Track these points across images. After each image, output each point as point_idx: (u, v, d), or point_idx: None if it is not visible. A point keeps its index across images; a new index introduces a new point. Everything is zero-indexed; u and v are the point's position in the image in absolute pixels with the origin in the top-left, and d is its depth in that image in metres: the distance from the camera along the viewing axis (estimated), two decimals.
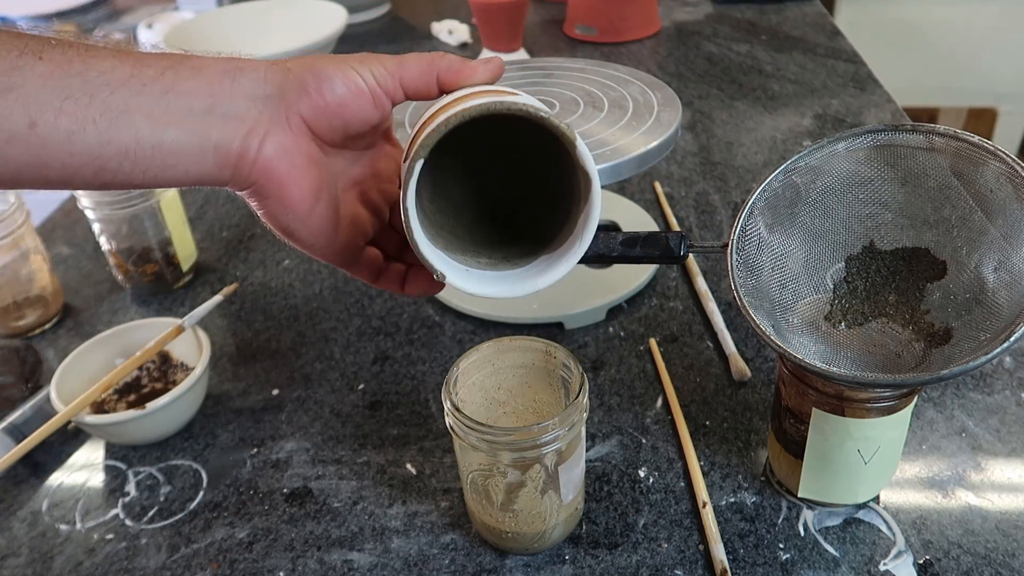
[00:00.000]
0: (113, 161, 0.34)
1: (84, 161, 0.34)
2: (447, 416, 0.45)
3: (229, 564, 0.51)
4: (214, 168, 0.36)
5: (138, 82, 0.34)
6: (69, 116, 0.32)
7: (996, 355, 0.38)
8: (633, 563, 0.49)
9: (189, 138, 0.35)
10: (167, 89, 0.34)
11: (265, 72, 0.37)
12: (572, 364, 0.47)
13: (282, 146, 0.37)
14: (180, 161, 0.36)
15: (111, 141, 0.33)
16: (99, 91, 0.33)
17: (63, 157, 0.33)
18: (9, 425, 0.59)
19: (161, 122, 0.34)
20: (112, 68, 0.33)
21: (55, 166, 0.33)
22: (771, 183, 0.47)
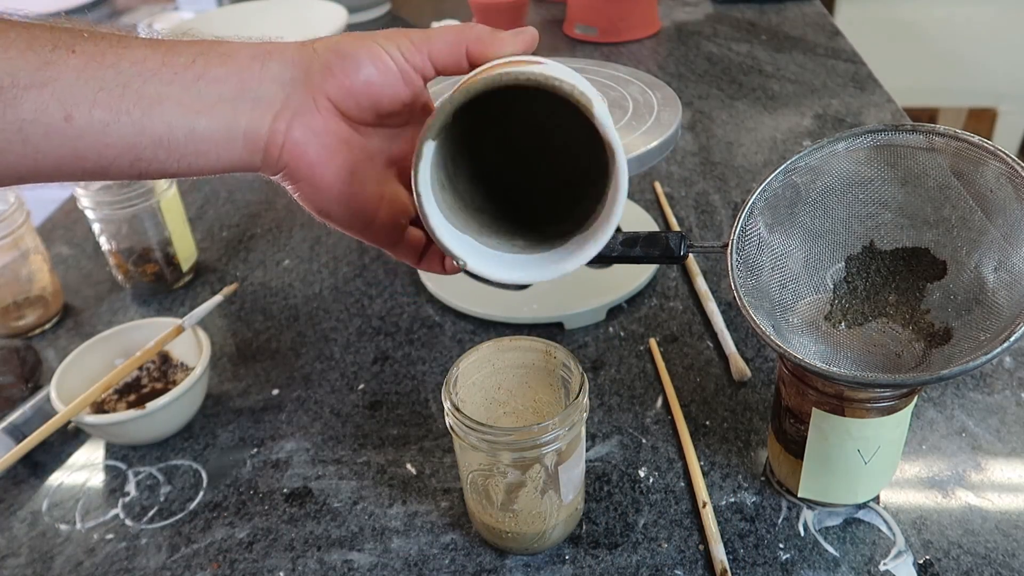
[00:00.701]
0: (148, 150, 0.35)
1: (120, 151, 0.34)
2: (447, 416, 0.45)
3: (229, 564, 0.51)
4: (244, 153, 0.37)
5: (170, 71, 0.34)
6: (104, 107, 0.33)
7: (996, 355, 0.38)
8: (633, 563, 0.49)
9: (219, 124, 0.35)
10: (198, 76, 0.35)
11: (293, 54, 0.37)
12: (572, 364, 0.47)
13: (311, 128, 0.37)
14: (212, 148, 0.36)
15: (145, 130, 0.34)
16: (132, 81, 0.33)
17: (99, 148, 0.34)
18: (9, 425, 0.59)
19: (193, 109, 0.35)
20: (144, 58, 0.34)
21: (92, 157, 0.34)
22: (771, 183, 0.47)
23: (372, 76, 0.37)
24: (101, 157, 0.34)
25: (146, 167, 0.35)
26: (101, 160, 0.34)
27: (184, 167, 0.36)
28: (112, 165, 0.34)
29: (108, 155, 0.34)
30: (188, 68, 0.35)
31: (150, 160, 0.35)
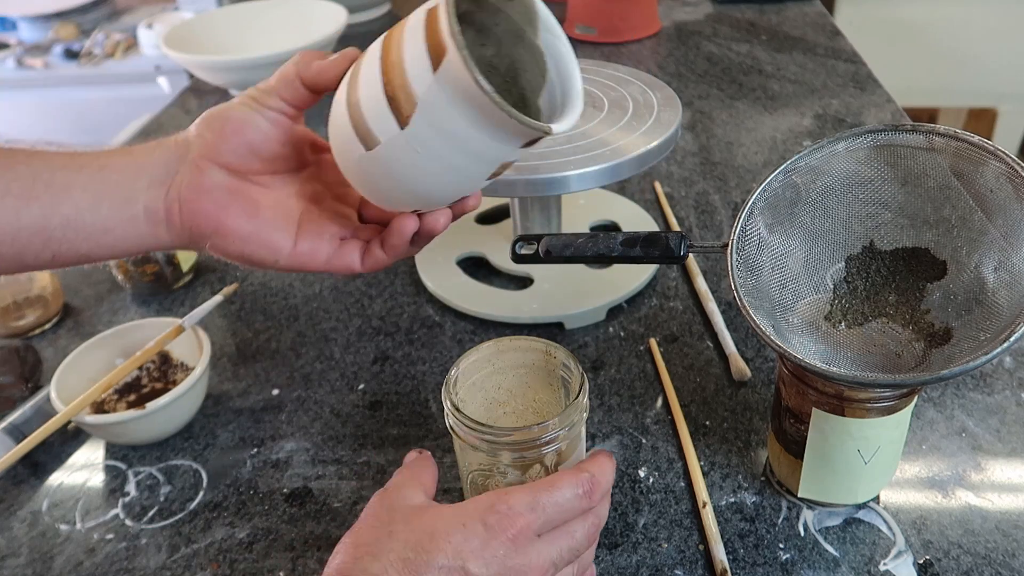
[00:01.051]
0: (58, 231, 0.39)
1: (32, 233, 0.39)
2: (447, 416, 0.45)
3: (229, 564, 0.51)
4: (148, 227, 0.42)
5: (77, 163, 0.40)
6: (16, 195, 0.38)
7: (996, 355, 0.38)
8: (633, 563, 0.49)
9: (121, 204, 0.41)
10: (102, 167, 0.40)
11: (175, 139, 0.42)
12: (572, 364, 0.47)
13: (201, 188, 0.41)
14: (117, 225, 0.41)
15: (55, 213, 0.39)
16: (42, 173, 0.39)
17: (13, 232, 0.38)
18: (9, 425, 0.59)
19: (97, 195, 0.40)
20: (53, 157, 0.39)
21: (6, 240, 0.39)
22: (771, 183, 0.47)
23: (239, 127, 0.41)
24: (15, 241, 0.39)
25: (58, 247, 0.40)
26: (16, 244, 0.39)
27: (95, 247, 0.41)
28: (26, 248, 0.39)
29: (22, 238, 0.39)
30: (94, 160, 0.40)
31: (60, 240, 0.39)
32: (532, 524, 0.38)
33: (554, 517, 0.39)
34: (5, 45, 1.83)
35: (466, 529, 0.37)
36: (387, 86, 0.36)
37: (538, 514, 0.38)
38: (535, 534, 0.38)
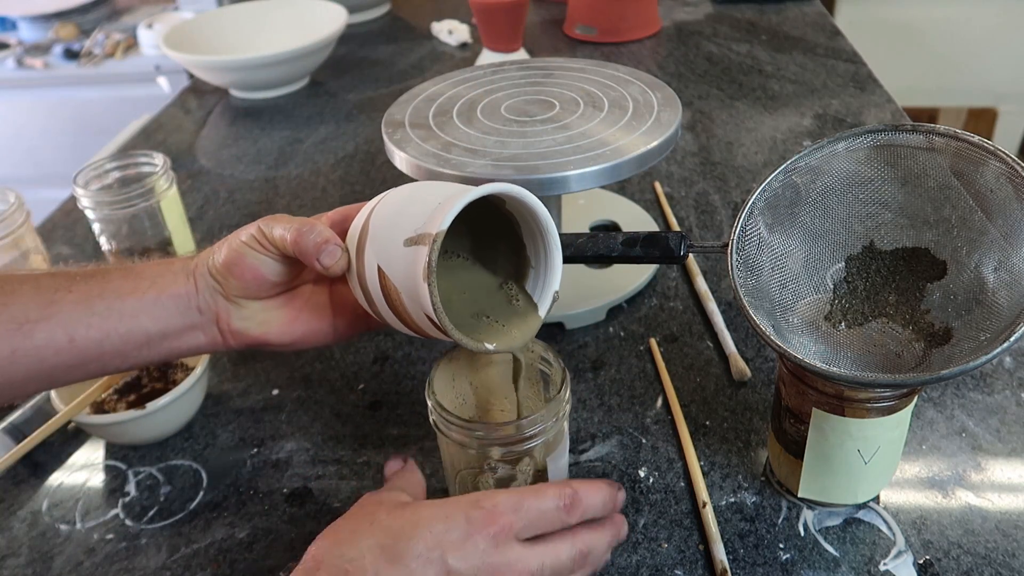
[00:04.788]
0: (134, 351, 0.46)
1: (113, 357, 0.45)
2: (432, 415, 0.45)
3: (229, 564, 0.51)
4: (210, 347, 0.48)
5: (140, 292, 0.46)
6: (96, 329, 0.44)
7: (996, 355, 0.38)
8: (633, 563, 0.49)
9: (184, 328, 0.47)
10: (159, 295, 0.46)
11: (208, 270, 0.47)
12: (551, 356, 0.47)
13: (242, 318, 0.48)
14: (184, 343, 0.47)
15: (130, 340, 0.45)
16: (113, 306, 0.45)
17: (96, 357, 0.45)
18: (9, 425, 0.59)
19: (161, 320, 0.46)
20: (120, 286, 0.45)
21: (92, 365, 0.45)
22: (771, 183, 0.47)
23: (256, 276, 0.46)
24: (101, 362, 0.45)
25: (134, 363, 0.47)
26: (102, 364, 0.45)
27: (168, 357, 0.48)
28: (110, 365, 0.46)
29: (106, 359, 0.45)
30: (151, 288, 0.46)
31: (139, 357, 0.46)
32: (514, 525, 0.39)
33: (536, 522, 0.40)
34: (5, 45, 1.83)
35: (448, 521, 0.38)
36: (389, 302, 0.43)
37: (520, 516, 0.39)
38: (516, 536, 0.39)
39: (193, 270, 0.47)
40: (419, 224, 0.40)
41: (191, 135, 1.11)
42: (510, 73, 0.74)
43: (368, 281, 0.44)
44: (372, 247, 0.43)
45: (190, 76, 1.39)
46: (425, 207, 0.41)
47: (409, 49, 1.32)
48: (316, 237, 0.45)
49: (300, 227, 0.45)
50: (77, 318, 0.44)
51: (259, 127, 1.11)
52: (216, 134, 1.10)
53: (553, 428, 0.44)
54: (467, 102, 0.68)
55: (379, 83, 1.21)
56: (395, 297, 0.42)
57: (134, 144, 1.10)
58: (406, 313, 0.42)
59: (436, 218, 0.39)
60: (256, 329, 0.48)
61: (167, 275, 0.47)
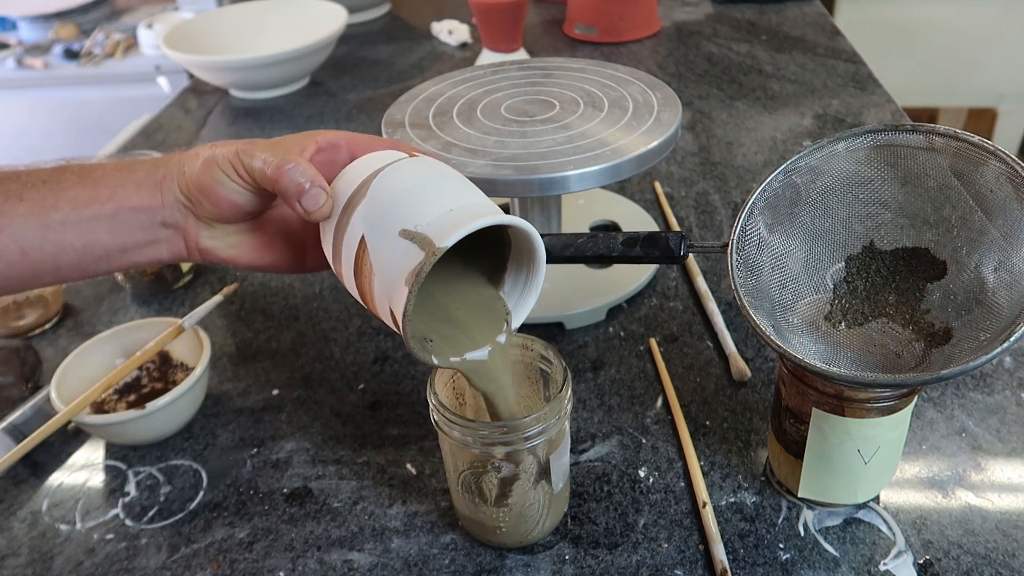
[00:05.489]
0: (92, 265, 0.44)
1: (69, 270, 0.44)
2: (433, 414, 0.45)
3: (229, 564, 0.51)
4: (175, 260, 0.47)
5: (97, 204, 0.43)
6: (52, 243, 0.42)
7: (996, 355, 0.38)
8: (633, 563, 0.49)
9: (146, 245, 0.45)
10: (119, 207, 0.43)
11: (179, 183, 0.45)
12: (551, 355, 0.47)
13: (212, 238, 0.46)
14: (145, 259, 0.46)
15: (87, 254, 0.43)
16: (69, 219, 0.42)
17: (52, 271, 0.43)
18: (9, 425, 0.59)
19: (121, 235, 0.44)
20: (76, 196, 0.43)
21: (48, 277, 0.44)
22: (771, 183, 0.47)
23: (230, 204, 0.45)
24: (57, 275, 0.44)
25: (94, 273, 0.45)
26: (58, 277, 0.44)
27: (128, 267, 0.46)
28: (67, 278, 0.44)
29: (60, 273, 0.44)
30: (110, 200, 0.43)
31: (96, 271, 0.45)
32: None
33: None
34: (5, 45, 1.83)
35: None
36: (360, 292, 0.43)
37: None
38: None
39: (160, 182, 0.44)
40: (423, 222, 0.38)
41: (191, 135, 1.11)
42: (510, 73, 0.74)
43: (344, 242, 0.42)
44: (363, 212, 0.41)
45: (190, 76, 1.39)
46: (437, 205, 0.39)
47: (409, 49, 1.32)
48: (299, 177, 0.42)
49: (281, 163, 0.42)
50: (30, 232, 0.41)
51: (259, 127, 1.11)
52: (216, 134, 1.10)
53: (555, 426, 0.45)
54: (467, 102, 0.68)
55: (379, 83, 1.21)
56: (366, 274, 0.40)
57: (134, 144, 1.10)
58: (369, 291, 0.41)
59: (444, 231, 0.38)
60: (226, 251, 0.46)
61: (128, 184, 0.44)
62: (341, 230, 0.42)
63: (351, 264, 0.42)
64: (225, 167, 0.43)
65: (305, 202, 0.42)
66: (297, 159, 0.43)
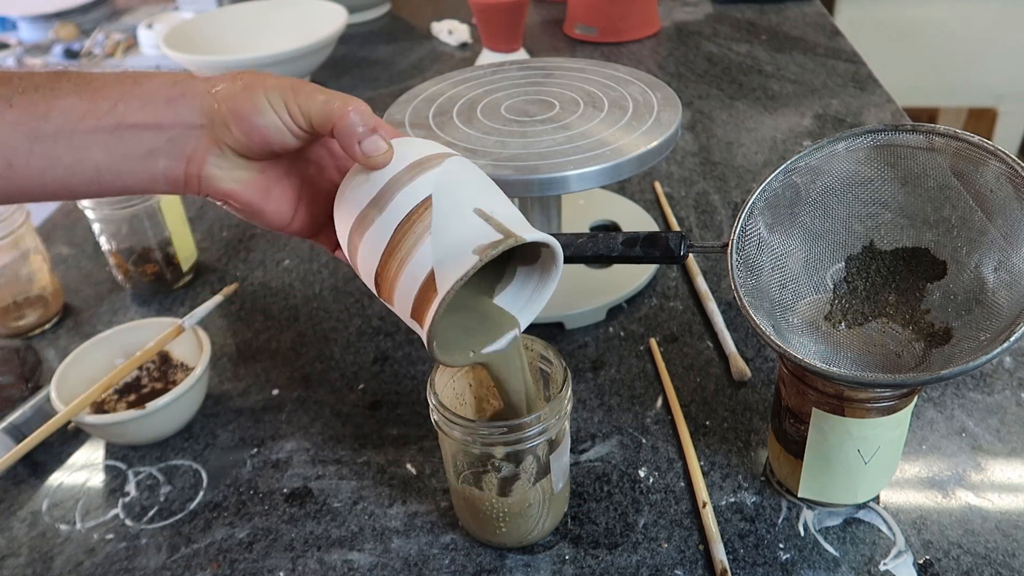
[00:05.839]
0: (81, 187, 0.41)
1: (56, 188, 0.40)
2: (433, 414, 0.45)
3: (229, 564, 0.51)
4: (167, 188, 0.43)
5: (94, 119, 0.39)
6: (39, 157, 0.39)
7: (996, 355, 0.38)
8: (633, 563, 0.49)
9: (142, 166, 0.41)
10: (118, 123, 0.39)
11: (200, 102, 0.41)
12: (551, 355, 0.47)
13: (219, 168, 0.42)
14: (137, 185, 0.42)
15: (77, 174, 0.40)
16: (62, 131, 0.39)
17: (38, 187, 0.40)
18: (9, 425, 0.59)
19: (117, 154, 0.40)
20: (72, 107, 0.39)
21: (34, 193, 0.40)
22: (771, 183, 0.47)
23: (263, 135, 0.41)
24: (43, 193, 0.40)
25: (82, 195, 0.42)
26: (43, 194, 0.40)
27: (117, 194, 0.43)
28: (51, 197, 0.41)
29: (47, 191, 0.40)
30: (109, 114, 0.39)
31: (84, 192, 0.41)
32: None
33: None
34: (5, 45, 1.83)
35: None
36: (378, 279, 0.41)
37: None
38: None
39: (174, 99, 0.41)
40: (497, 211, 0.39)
41: None
42: (510, 73, 0.74)
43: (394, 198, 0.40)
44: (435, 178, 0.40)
45: None
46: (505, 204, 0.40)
47: (409, 49, 1.32)
48: (368, 121, 0.40)
49: (350, 103, 0.41)
50: (17, 143, 0.38)
51: None
52: None
53: (556, 426, 0.45)
54: (467, 102, 0.68)
55: (379, 83, 1.21)
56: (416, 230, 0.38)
57: None
58: (407, 247, 0.39)
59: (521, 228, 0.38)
60: (227, 183, 0.43)
61: (133, 99, 0.40)
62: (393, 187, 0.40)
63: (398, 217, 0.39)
64: (274, 97, 0.40)
65: (367, 146, 0.40)
66: (365, 105, 0.41)
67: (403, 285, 0.39)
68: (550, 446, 0.46)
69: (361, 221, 0.40)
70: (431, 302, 0.38)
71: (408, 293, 0.39)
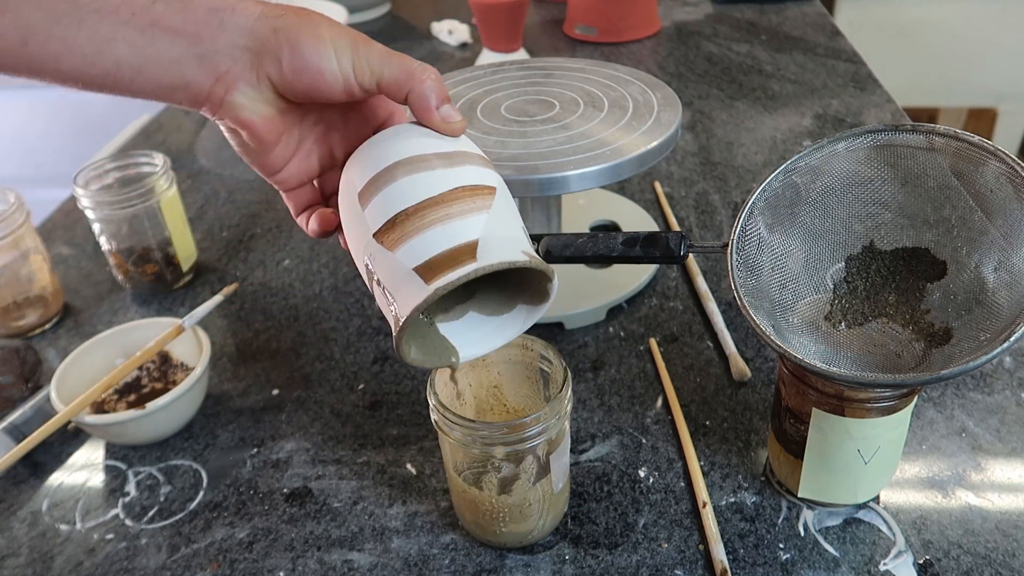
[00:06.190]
0: (96, 79, 0.37)
1: (70, 77, 0.37)
2: (433, 414, 0.45)
3: (229, 564, 0.51)
4: (185, 100, 0.39)
5: (128, 11, 0.36)
6: (58, 40, 0.35)
7: (996, 355, 0.38)
8: (633, 563, 0.49)
9: (166, 73, 0.38)
10: (153, 22, 0.36)
11: (252, 24, 0.38)
12: (551, 355, 0.47)
13: (248, 96, 0.39)
14: (155, 90, 0.38)
15: (95, 65, 0.36)
16: (87, 18, 0.35)
17: (51, 72, 0.37)
18: (9, 425, 0.59)
19: (143, 54, 0.37)
20: None
21: (44, 75, 0.37)
22: (771, 183, 0.47)
23: (315, 80, 0.39)
24: (54, 78, 0.37)
25: (96, 90, 0.38)
26: (54, 79, 0.37)
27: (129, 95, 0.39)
28: (63, 82, 0.38)
29: (59, 77, 0.37)
30: (146, 11, 0.36)
31: (99, 86, 0.38)
32: None
33: None
34: None
35: None
36: None
37: None
38: None
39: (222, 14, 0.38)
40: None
41: (191, 135, 1.11)
42: (510, 73, 0.74)
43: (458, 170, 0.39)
44: (494, 173, 0.40)
45: None
46: None
47: (409, 49, 1.32)
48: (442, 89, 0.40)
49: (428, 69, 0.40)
50: (36, 22, 0.35)
51: None
52: (216, 134, 1.10)
53: (555, 426, 0.45)
54: (467, 102, 0.68)
55: None
56: (449, 208, 0.37)
57: (134, 144, 1.10)
58: (424, 217, 0.37)
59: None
60: (249, 114, 0.40)
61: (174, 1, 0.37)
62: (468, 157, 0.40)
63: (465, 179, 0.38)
64: (341, 45, 0.38)
65: (445, 111, 0.40)
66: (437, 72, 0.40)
67: (434, 234, 0.36)
68: (550, 446, 0.46)
69: (420, 161, 0.39)
70: (460, 265, 0.35)
71: (434, 244, 0.36)
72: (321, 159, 0.45)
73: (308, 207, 0.46)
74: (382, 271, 0.37)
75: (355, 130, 0.45)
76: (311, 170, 0.45)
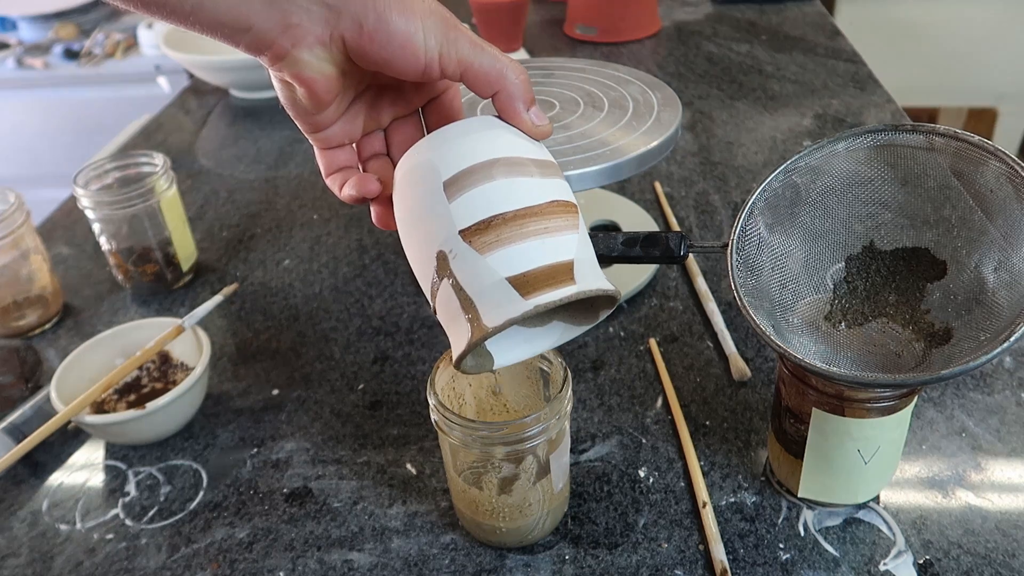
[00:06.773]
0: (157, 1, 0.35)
1: None
2: (433, 414, 0.45)
3: (229, 564, 0.51)
4: (245, 45, 0.37)
5: None
6: None
7: (996, 355, 0.38)
8: (633, 563, 0.49)
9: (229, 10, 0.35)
10: None
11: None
12: (551, 354, 0.47)
13: (315, 54, 0.37)
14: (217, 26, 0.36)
15: None
16: None
17: None
18: (9, 425, 0.59)
19: None
20: None
21: None
22: (771, 183, 0.47)
23: (396, 54, 0.37)
24: None
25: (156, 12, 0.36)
26: None
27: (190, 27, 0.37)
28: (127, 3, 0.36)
29: None
30: None
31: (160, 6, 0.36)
32: None
33: None
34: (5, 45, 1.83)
35: None
36: None
37: None
38: None
39: None
40: None
41: (191, 135, 1.11)
42: None
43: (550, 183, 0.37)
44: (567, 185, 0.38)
45: (190, 76, 1.39)
46: None
47: None
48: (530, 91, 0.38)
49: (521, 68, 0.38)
50: None
51: (259, 127, 1.11)
52: (216, 134, 1.10)
53: (555, 426, 0.45)
54: (467, 102, 0.68)
55: None
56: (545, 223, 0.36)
57: (134, 144, 1.10)
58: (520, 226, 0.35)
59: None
60: (311, 71, 0.37)
61: None
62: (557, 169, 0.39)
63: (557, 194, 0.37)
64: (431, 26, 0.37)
65: (534, 114, 0.39)
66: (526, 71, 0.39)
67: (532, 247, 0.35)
68: (550, 446, 0.46)
69: (519, 164, 0.37)
70: (560, 285, 0.34)
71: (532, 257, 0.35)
72: (366, 122, 0.43)
73: (341, 168, 0.44)
74: (464, 272, 0.35)
75: (407, 98, 0.43)
76: (354, 132, 0.43)
